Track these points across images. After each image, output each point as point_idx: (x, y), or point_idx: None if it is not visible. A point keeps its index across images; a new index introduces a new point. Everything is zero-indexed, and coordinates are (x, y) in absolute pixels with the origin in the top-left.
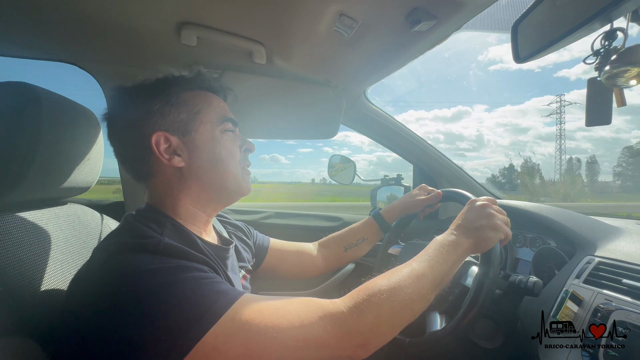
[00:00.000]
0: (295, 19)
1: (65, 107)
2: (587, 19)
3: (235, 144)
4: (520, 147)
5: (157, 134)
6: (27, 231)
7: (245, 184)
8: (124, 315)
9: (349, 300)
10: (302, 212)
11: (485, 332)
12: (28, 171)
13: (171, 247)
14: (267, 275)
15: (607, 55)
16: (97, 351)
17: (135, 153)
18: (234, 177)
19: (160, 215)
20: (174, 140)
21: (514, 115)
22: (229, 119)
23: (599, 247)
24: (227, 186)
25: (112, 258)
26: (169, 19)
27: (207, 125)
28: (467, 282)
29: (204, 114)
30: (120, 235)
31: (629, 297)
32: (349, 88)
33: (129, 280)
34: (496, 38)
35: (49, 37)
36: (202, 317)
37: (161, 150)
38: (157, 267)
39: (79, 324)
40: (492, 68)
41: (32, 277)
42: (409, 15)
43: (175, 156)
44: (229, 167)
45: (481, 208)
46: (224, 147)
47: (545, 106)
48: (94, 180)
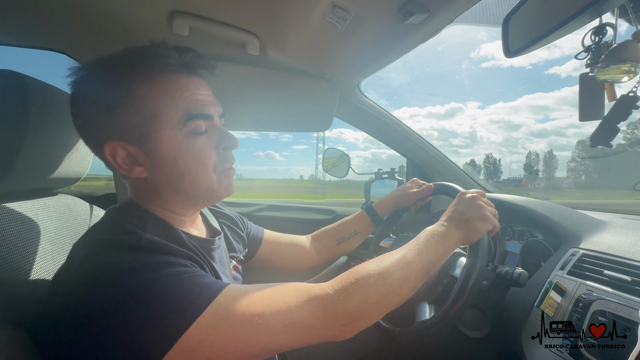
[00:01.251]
0: (289, 9)
1: (53, 95)
2: (576, 12)
3: (207, 146)
4: (513, 143)
5: (109, 144)
6: (16, 221)
7: (223, 188)
8: (105, 313)
9: (336, 282)
10: (295, 204)
11: (473, 321)
12: (16, 161)
13: (152, 243)
14: (261, 266)
15: (597, 51)
16: (80, 348)
17: (99, 157)
18: (206, 185)
19: (141, 211)
20: (132, 149)
21: (507, 112)
22: (196, 115)
23: (583, 240)
24: (198, 195)
25: (92, 256)
26: (161, 7)
27: (166, 131)
28: (455, 272)
29: (162, 116)
30: (100, 232)
31: (609, 288)
32: (343, 81)
33: (109, 279)
34: (486, 35)
35: (38, 25)
36: (184, 311)
37: (118, 161)
38: (137, 264)
39: (62, 322)
40: (484, 65)
41: (22, 267)
42: (401, 8)
43: (136, 166)
44: (198, 177)
45: (470, 200)
46: (190, 154)
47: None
48: (85, 171)
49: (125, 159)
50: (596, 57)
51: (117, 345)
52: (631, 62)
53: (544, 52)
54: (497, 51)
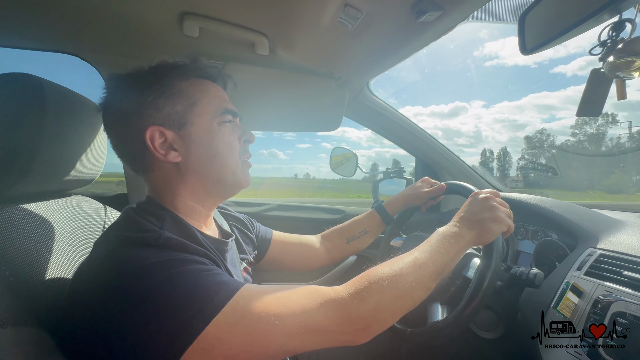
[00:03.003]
0: (299, 9)
1: (68, 98)
2: (595, 10)
3: (234, 135)
4: (518, 142)
5: (151, 128)
6: (34, 222)
7: (244, 176)
8: (126, 309)
9: (350, 286)
10: (304, 204)
11: (486, 322)
12: (33, 163)
13: (171, 240)
14: (271, 267)
15: (613, 47)
16: (101, 345)
17: (130, 147)
18: (233, 170)
19: (159, 208)
20: (170, 134)
21: (512, 112)
22: (228, 110)
23: (600, 240)
24: (225, 180)
25: (113, 252)
26: (172, 9)
27: (204, 118)
28: (468, 273)
29: (201, 105)
30: (120, 229)
31: (629, 289)
32: (352, 80)
33: (130, 275)
34: (488, 34)
35: (51, 28)
36: (204, 309)
37: (156, 145)
38: (158, 260)
39: (82, 318)
40: (488, 64)
41: (40, 267)
42: (414, 6)
43: (172, 151)
44: (228, 161)
45: (484, 200)
46: (222, 139)
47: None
48: (98, 172)
49: (163, 144)
50: (611, 52)
51: (138, 341)
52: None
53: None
54: (501, 50)
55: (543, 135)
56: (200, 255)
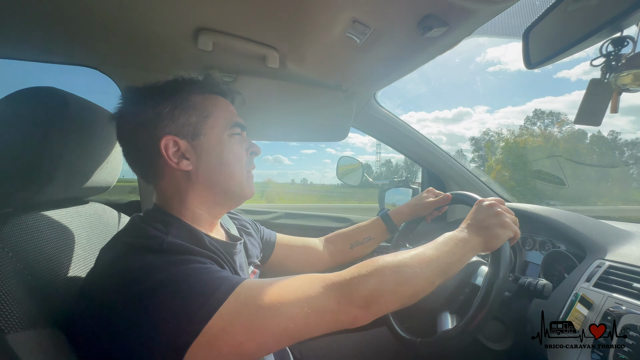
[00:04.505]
0: (309, 25)
1: (89, 110)
2: (597, 27)
3: (242, 147)
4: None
5: (166, 137)
6: (54, 229)
7: (249, 187)
8: (131, 309)
9: (353, 269)
10: (311, 212)
11: (494, 333)
12: (57, 171)
13: (174, 245)
14: (275, 270)
15: (616, 59)
16: (110, 344)
17: (143, 155)
18: (239, 181)
19: (167, 216)
20: (183, 144)
21: (516, 117)
22: (237, 123)
23: (609, 251)
24: (231, 190)
25: (118, 258)
26: (187, 25)
27: (216, 129)
28: (477, 281)
29: (214, 117)
30: (126, 236)
31: (639, 301)
32: (360, 92)
33: (134, 277)
34: (489, 40)
35: (72, 42)
36: (206, 303)
37: (170, 154)
38: (160, 262)
39: (93, 320)
40: (490, 69)
41: (59, 272)
42: (421, 22)
43: (184, 160)
44: (235, 171)
45: (489, 207)
46: (231, 150)
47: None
48: (114, 180)
49: (176, 152)
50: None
51: (144, 339)
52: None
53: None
54: (503, 55)
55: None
56: (204, 257)
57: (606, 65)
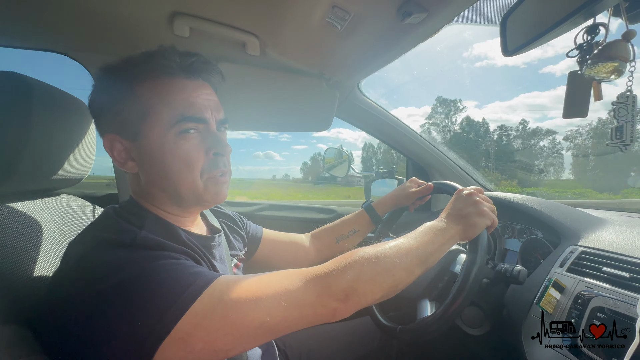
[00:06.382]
0: (288, 10)
1: (55, 97)
2: (571, 12)
3: (196, 149)
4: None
5: (108, 136)
6: (20, 221)
7: (210, 195)
8: (100, 306)
9: (331, 262)
10: (296, 204)
11: (473, 319)
12: (19, 162)
13: (147, 239)
14: (261, 266)
15: (589, 50)
16: (78, 342)
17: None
18: (190, 189)
19: (142, 210)
20: (126, 143)
21: (504, 111)
22: (189, 117)
23: (582, 237)
24: (184, 198)
25: (87, 253)
26: (162, 9)
27: (156, 129)
28: (456, 269)
29: (155, 114)
30: (96, 230)
31: (608, 285)
32: (343, 80)
33: (103, 274)
34: (475, 35)
35: (41, 27)
36: (178, 299)
37: (114, 153)
38: (132, 258)
39: (60, 317)
40: (478, 64)
41: (26, 266)
42: (400, 8)
43: (130, 161)
44: (183, 179)
45: (468, 196)
46: (176, 155)
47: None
48: (87, 171)
49: (122, 152)
50: (587, 55)
51: (113, 337)
52: (619, 60)
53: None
54: (490, 50)
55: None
56: (179, 253)
57: (580, 57)
